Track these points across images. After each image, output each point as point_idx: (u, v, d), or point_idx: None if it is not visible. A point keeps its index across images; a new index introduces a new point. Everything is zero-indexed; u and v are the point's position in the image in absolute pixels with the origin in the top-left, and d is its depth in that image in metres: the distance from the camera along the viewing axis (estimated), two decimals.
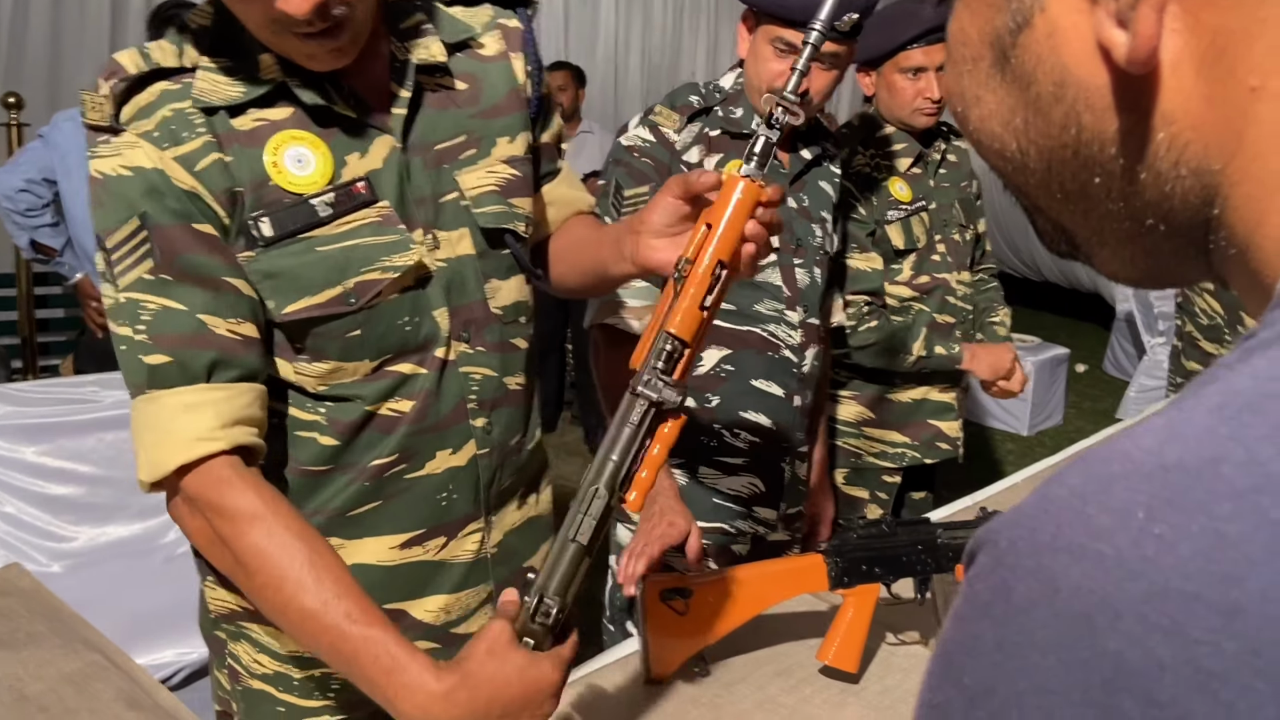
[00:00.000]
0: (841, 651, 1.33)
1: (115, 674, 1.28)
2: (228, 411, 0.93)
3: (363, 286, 1.00)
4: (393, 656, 0.87)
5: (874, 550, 1.34)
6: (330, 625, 0.89)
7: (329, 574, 0.91)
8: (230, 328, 0.95)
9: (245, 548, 0.91)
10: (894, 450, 2.27)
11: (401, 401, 1.05)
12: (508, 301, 1.14)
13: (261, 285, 0.97)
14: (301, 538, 0.92)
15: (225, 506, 0.91)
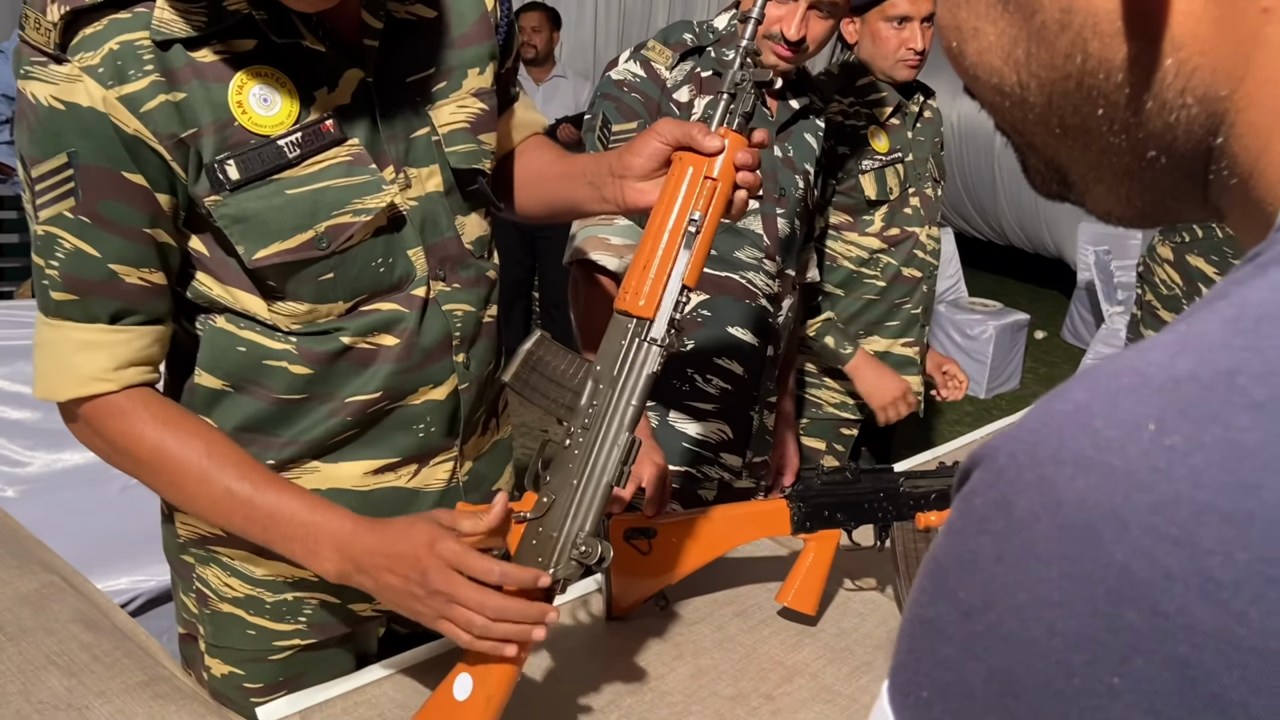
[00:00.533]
0: (800, 594, 1.35)
1: (72, 595, 1.27)
2: (124, 354, 0.95)
3: (334, 230, 0.98)
4: (303, 524, 0.95)
5: (836, 496, 1.36)
6: (238, 506, 0.95)
7: (228, 460, 0.96)
8: (141, 276, 0.94)
9: (145, 453, 0.96)
10: (855, 402, 2.30)
11: (380, 336, 1.04)
12: (475, 236, 1.13)
13: (231, 230, 0.95)
14: (197, 435, 0.97)
15: (121, 429, 0.96)
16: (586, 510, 0.94)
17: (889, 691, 0.34)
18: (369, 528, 0.95)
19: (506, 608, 0.90)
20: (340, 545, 0.94)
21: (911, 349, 2.29)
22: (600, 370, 0.95)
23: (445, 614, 0.91)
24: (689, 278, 0.95)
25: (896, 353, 2.28)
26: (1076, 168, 0.41)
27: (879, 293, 2.22)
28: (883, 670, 1.28)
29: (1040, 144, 0.41)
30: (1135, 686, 0.27)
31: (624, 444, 0.94)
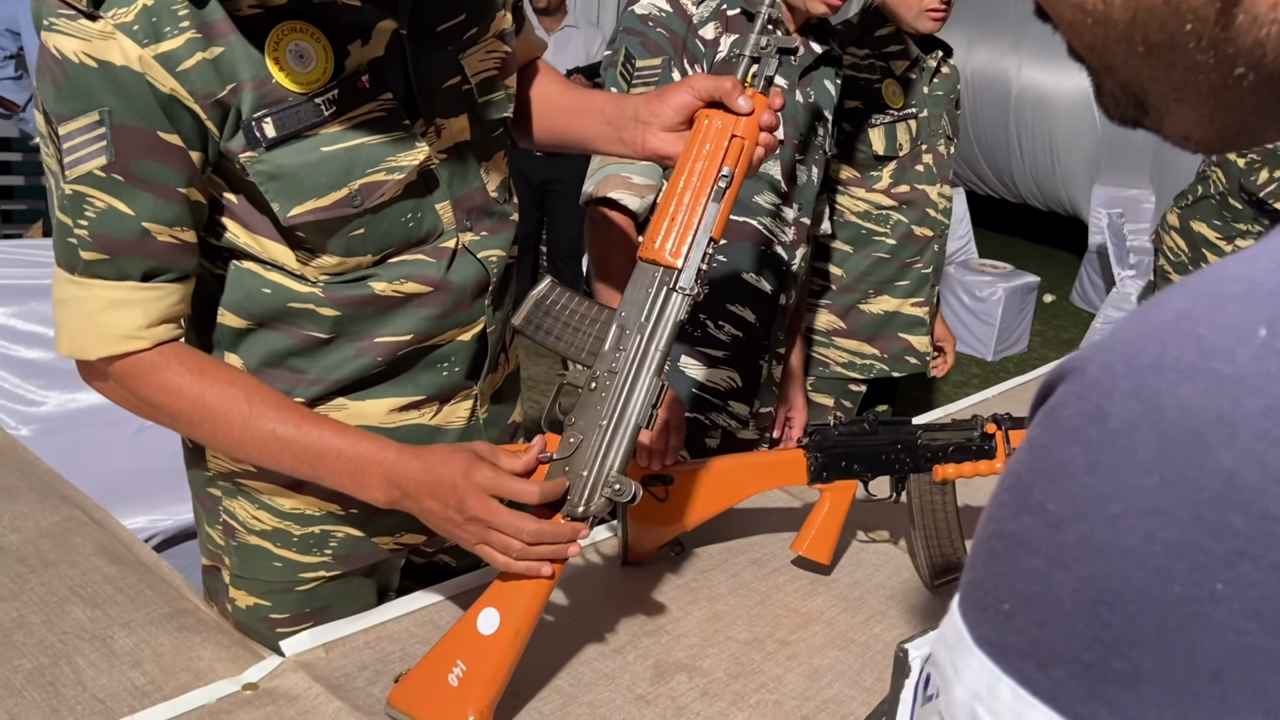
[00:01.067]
0: (815, 543, 1.36)
1: (94, 529, 1.28)
2: (155, 311, 0.94)
3: (368, 188, 0.98)
4: (349, 458, 0.96)
5: (854, 447, 1.36)
6: (285, 448, 0.96)
7: (268, 404, 0.97)
8: (173, 234, 0.93)
9: (184, 406, 0.96)
10: (862, 362, 2.29)
11: (411, 284, 1.05)
12: (498, 181, 1.13)
13: (266, 186, 0.94)
14: (234, 383, 0.97)
15: (157, 385, 0.96)
16: (617, 450, 0.96)
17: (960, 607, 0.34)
18: (412, 454, 0.96)
19: (542, 531, 0.93)
20: (386, 474, 0.96)
21: (921, 309, 2.28)
22: (626, 316, 0.96)
23: (483, 539, 0.94)
24: (716, 230, 0.98)
25: (906, 312, 2.26)
26: (1157, 89, 0.40)
27: (889, 251, 2.20)
28: (897, 620, 1.30)
29: (1120, 65, 0.40)
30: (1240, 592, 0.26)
31: (653, 388, 0.96)
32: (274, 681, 1.03)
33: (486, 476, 0.93)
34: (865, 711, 1.10)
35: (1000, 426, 1.36)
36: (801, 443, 1.37)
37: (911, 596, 1.36)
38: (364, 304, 1.03)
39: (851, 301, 2.26)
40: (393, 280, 1.04)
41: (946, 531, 1.38)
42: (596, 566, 1.35)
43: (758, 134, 0.99)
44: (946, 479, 1.35)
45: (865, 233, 2.18)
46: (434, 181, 1.04)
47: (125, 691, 1.00)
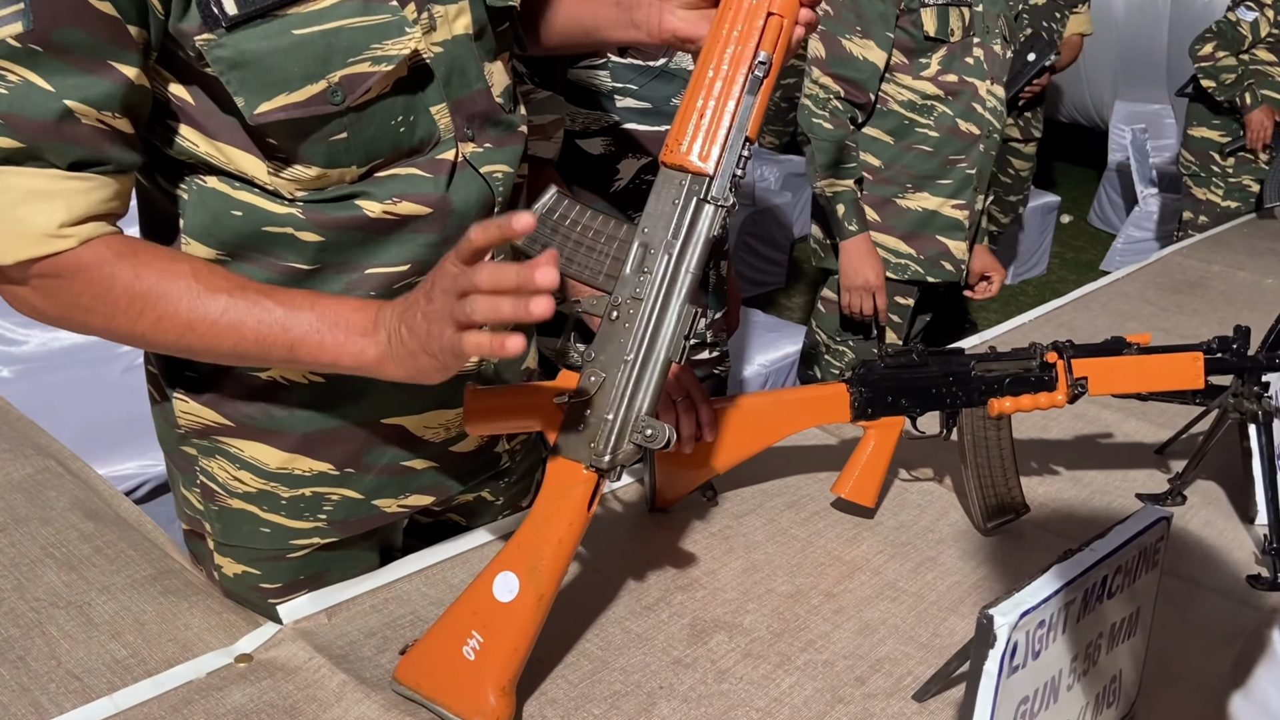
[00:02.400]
0: (859, 485, 1.25)
1: (70, 482, 1.16)
2: (82, 205, 0.79)
3: (349, 81, 0.84)
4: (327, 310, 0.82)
5: (901, 381, 1.24)
6: (245, 320, 0.81)
7: (219, 277, 0.82)
8: (102, 119, 0.78)
9: (119, 297, 0.80)
10: (897, 260, 2.17)
11: (401, 204, 0.91)
12: (503, 85, 0.99)
13: (227, 77, 0.80)
14: (175, 259, 0.82)
15: (85, 282, 0.80)
16: (646, 389, 0.84)
17: None
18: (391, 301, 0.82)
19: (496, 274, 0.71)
20: (369, 316, 0.81)
21: (962, 212, 2.16)
22: (650, 232, 0.84)
23: (450, 312, 0.75)
24: (752, 129, 0.85)
25: (946, 214, 2.14)
26: None
27: (932, 145, 2.09)
28: (949, 567, 1.19)
29: None
30: None
31: (685, 316, 0.84)
32: (270, 652, 0.93)
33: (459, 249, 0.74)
34: (924, 671, 1.00)
35: (1062, 355, 1.23)
36: (845, 377, 1.25)
37: (963, 541, 1.25)
38: (352, 228, 0.90)
39: (889, 194, 2.15)
40: (384, 199, 0.90)
41: (1001, 470, 1.26)
42: (621, 514, 1.24)
43: (797, 9, 0.85)
44: (1003, 413, 1.24)
45: (907, 123, 2.07)
46: (427, 77, 0.90)
47: (104, 666, 0.90)
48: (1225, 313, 2.28)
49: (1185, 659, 1.06)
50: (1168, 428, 1.56)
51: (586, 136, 1.44)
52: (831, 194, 2.04)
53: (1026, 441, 1.51)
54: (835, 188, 2.03)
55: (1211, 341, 1.26)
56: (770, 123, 5.88)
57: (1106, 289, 2.43)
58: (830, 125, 2.02)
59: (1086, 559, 0.83)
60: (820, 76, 2.03)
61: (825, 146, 2.03)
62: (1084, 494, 1.40)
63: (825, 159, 2.03)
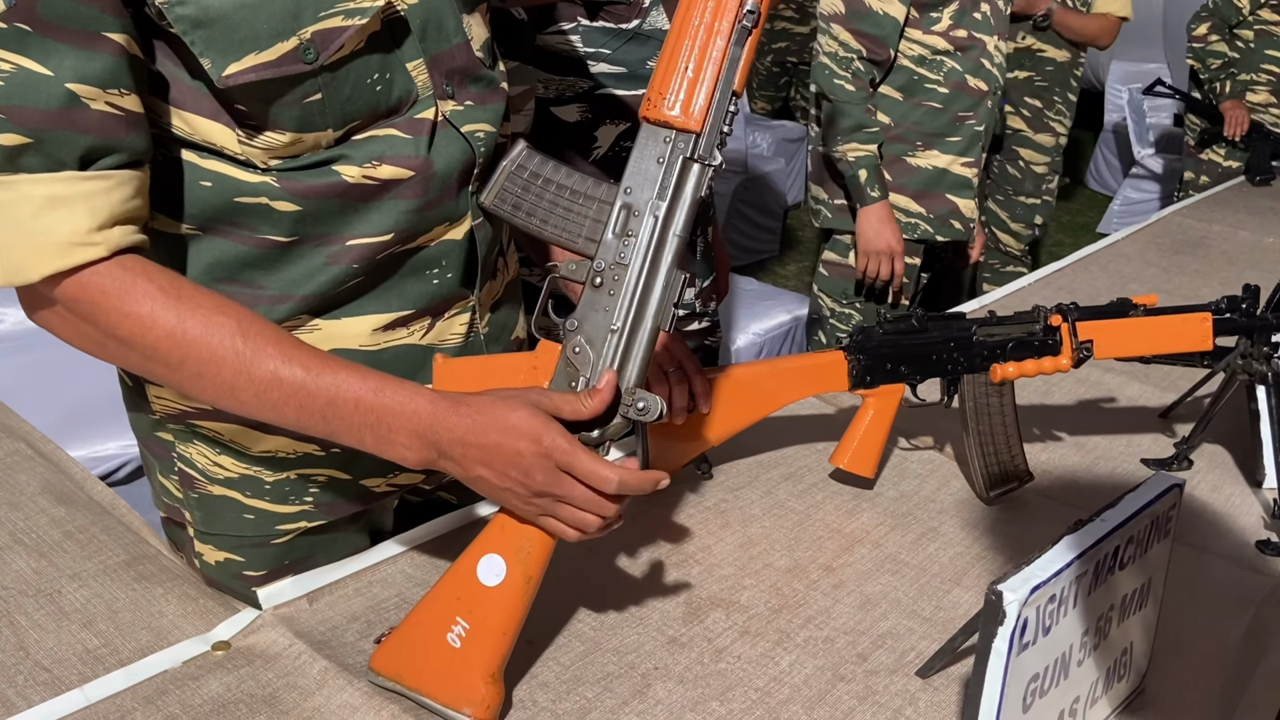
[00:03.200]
0: (858, 455, 1.21)
1: (41, 464, 1.12)
2: (105, 207, 0.73)
3: (322, 37, 0.78)
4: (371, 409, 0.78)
5: (900, 347, 1.20)
6: (290, 395, 0.77)
7: (266, 339, 0.77)
8: (111, 100, 0.72)
9: (158, 340, 0.75)
10: (907, 220, 2.12)
11: (381, 167, 0.86)
12: (482, 39, 0.94)
13: (192, 37, 0.75)
14: (221, 310, 0.77)
15: (123, 311, 0.74)
16: (634, 360, 0.80)
17: None
18: (451, 408, 0.78)
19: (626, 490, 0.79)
20: (419, 431, 0.78)
21: (970, 170, 2.11)
22: (633, 194, 0.79)
23: (552, 513, 0.79)
24: (739, 83, 0.80)
25: (956, 172, 2.09)
26: None
27: (941, 101, 2.03)
28: (952, 537, 1.16)
29: None
30: None
31: (674, 282, 0.80)
32: (249, 639, 0.89)
33: (560, 449, 0.76)
34: (927, 646, 0.97)
35: (1067, 318, 1.19)
36: (842, 344, 1.21)
37: (965, 510, 1.22)
38: (330, 195, 0.85)
39: (899, 153, 2.09)
40: (363, 163, 0.85)
41: (1004, 437, 1.23)
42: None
43: None
44: (1006, 379, 1.20)
45: (917, 79, 2.01)
46: (403, 32, 0.85)
47: (75, 656, 0.86)
48: (1227, 273, 2.24)
49: (1196, 628, 1.03)
50: (1172, 391, 1.53)
51: (561, 104, 1.39)
52: (854, 159, 1.98)
53: (1028, 407, 1.47)
54: (858, 152, 1.96)
55: (1220, 301, 1.22)
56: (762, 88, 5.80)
57: (1106, 251, 2.39)
58: (852, 87, 1.94)
59: (1098, 530, 0.79)
60: (840, 33, 1.95)
61: (848, 109, 1.95)
62: (1088, 460, 1.36)
63: (849, 122, 1.96)
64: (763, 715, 0.87)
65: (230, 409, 0.79)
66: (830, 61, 1.96)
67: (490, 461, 0.77)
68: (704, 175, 0.79)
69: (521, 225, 0.83)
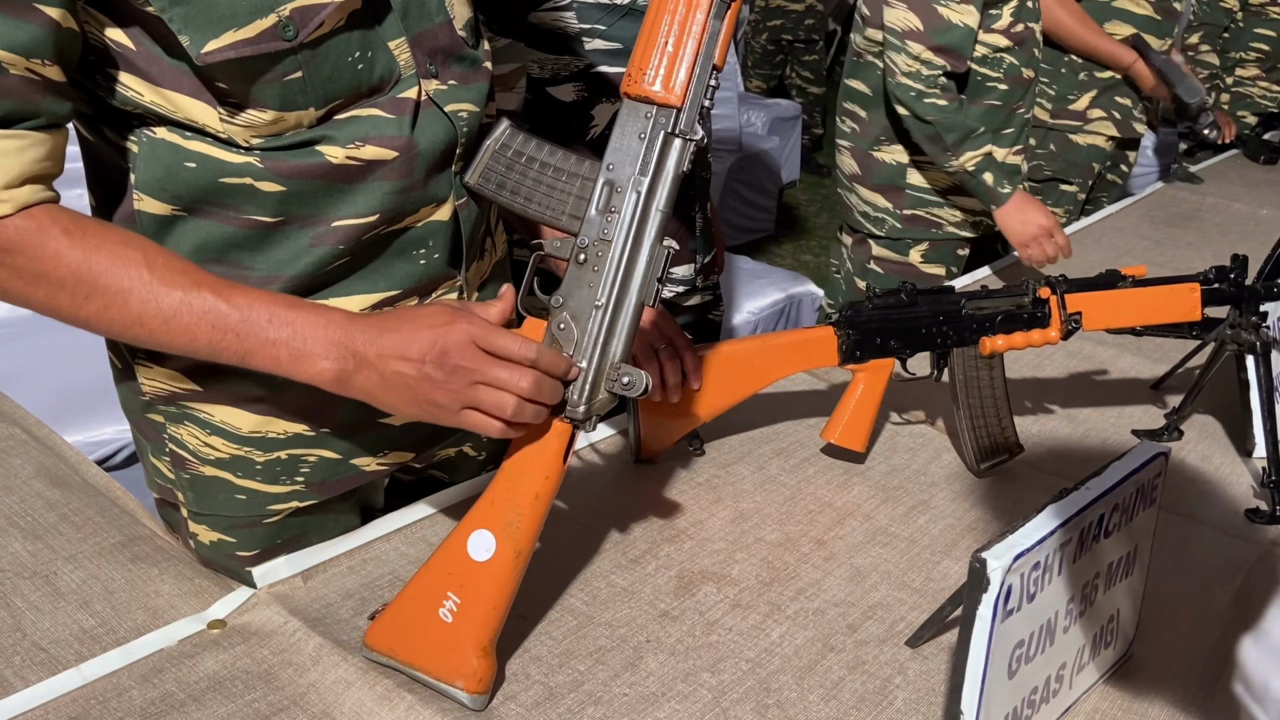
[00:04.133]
0: (849, 430, 1.22)
1: (35, 448, 1.13)
2: (15, 167, 0.73)
3: (301, 14, 0.78)
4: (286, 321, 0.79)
5: (890, 322, 1.20)
6: (200, 318, 0.78)
7: (174, 268, 0.78)
8: (30, 67, 0.72)
9: (64, 277, 0.75)
10: (974, 218, 2.07)
11: (365, 148, 0.86)
12: (465, 18, 0.94)
13: (170, 14, 0.75)
14: (128, 243, 0.77)
15: (29, 255, 0.75)
16: (619, 335, 0.81)
17: None
18: (367, 316, 0.80)
19: (541, 384, 0.77)
20: (335, 337, 0.78)
21: (1019, 157, 2.07)
22: (616, 170, 0.79)
23: (470, 399, 0.77)
24: (719, 58, 0.79)
25: (1010, 161, 2.05)
26: None
27: (1000, 98, 1.97)
28: (942, 510, 1.16)
29: None
30: None
31: (658, 258, 0.81)
32: (244, 617, 0.90)
33: (477, 324, 0.77)
34: (917, 617, 0.97)
35: (1055, 290, 1.20)
36: (832, 319, 1.22)
37: (956, 483, 1.23)
38: (314, 176, 0.85)
39: None
40: (347, 144, 0.85)
41: (994, 410, 1.23)
42: (606, 466, 1.21)
43: None
44: (995, 352, 1.20)
45: (980, 79, 1.95)
46: (384, 9, 0.85)
47: (72, 636, 0.87)
48: (1220, 245, 2.25)
49: (1184, 596, 1.04)
50: (1163, 362, 1.53)
51: (556, 83, 1.39)
52: (974, 166, 1.90)
53: (1019, 380, 1.48)
54: (975, 159, 1.90)
55: (1208, 271, 1.22)
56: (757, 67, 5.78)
57: (1100, 224, 2.39)
58: (945, 101, 1.86)
59: (1082, 498, 0.80)
60: (921, 51, 1.85)
61: (950, 123, 1.87)
62: (1079, 432, 1.37)
63: (955, 135, 1.88)
64: (754, 686, 0.88)
65: (142, 341, 0.79)
66: (914, 82, 1.87)
67: (405, 350, 0.77)
68: (685, 150, 0.80)
69: (506, 204, 0.83)
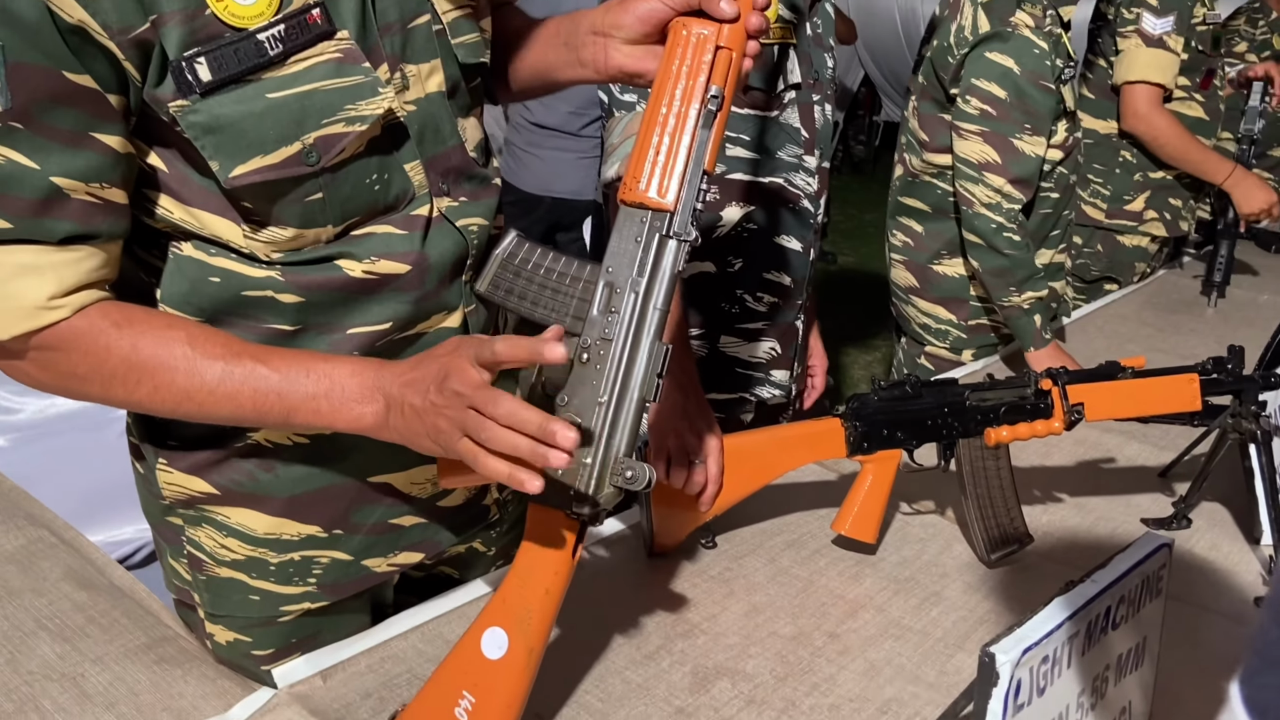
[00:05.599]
0: (859, 521, 1.24)
1: (63, 551, 1.16)
2: (72, 276, 0.79)
3: (324, 142, 0.84)
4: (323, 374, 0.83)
5: (897, 413, 1.23)
6: (242, 385, 0.83)
7: (216, 342, 0.83)
8: (92, 192, 0.78)
9: (116, 365, 0.81)
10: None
11: (383, 262, 0.91)
12: (476, 140, 1.00)
13: (202, 141, 0.80)
14: (171, 325, 0.83)
15: (81, 352, 0.81)
16: (623, 430, 0.83)
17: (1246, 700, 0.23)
18: (398, 361, 0.84)
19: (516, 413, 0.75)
20: (369, 383, 0.83)
21: (1064, 255, 2.13)
22: (615, 271, 0.83)
23: (462, 423, 0.77)
24: (709, 162, 0.84)
25: (1056, 260, 2.09)
26: None
27: (1052, 206, 2.02)
28: (955, 602, 1.17)
29: None
30: None
31: (657, 355, 0.83)
32: (265, 718, 0.91)
33: (477, 345, 0.78)
34: (931, 712, 0.98)
35: (1056, 382, 1.23)
36: (838, 411, 1.25)
37: (968, 574, 1.24)
38: (332, 289, 0.90)
39: None
40: (364, 259, 0.90)
41: (1002, 500, 1.25)
42: (619, 561, 1.22)
43: (745, 43, 0.84)
44: (1000, 443, 1.23)
45: (1039, 194, 2.00)
46: (402, 136, 0.91)
47: None
48: (1223, 331, 2.28)
49: (1196, 686, 1.04)
50: (1170, 450, 1.55)
51: None
52: (1028, 306, 1.92)
53: (1028, 469, 1.50)
54: (1032, 299, 1.92)
55: (1206, 362, 1.25)
56: None
57: (1102, 311, 2.43)
58: (1019, 238, 1.90)
59: (1088, 590, 0.82)
60: (1004, 185, 1.89)
61: (1022, 260, 1.90)
62: (1088, 521, 1.38)
63: (1024, 273, 1.90)
64: None
65: (193, 415, 0.84)
66: (994, 214, 1.89)
67: (419, 384, 0.80)
68: (680, 251, 0.83)
69: (514, 309, 0.87)
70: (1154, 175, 2.58)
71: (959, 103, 1.93)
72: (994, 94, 1.89)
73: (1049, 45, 1.89)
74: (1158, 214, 2.62)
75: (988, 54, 1.89)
